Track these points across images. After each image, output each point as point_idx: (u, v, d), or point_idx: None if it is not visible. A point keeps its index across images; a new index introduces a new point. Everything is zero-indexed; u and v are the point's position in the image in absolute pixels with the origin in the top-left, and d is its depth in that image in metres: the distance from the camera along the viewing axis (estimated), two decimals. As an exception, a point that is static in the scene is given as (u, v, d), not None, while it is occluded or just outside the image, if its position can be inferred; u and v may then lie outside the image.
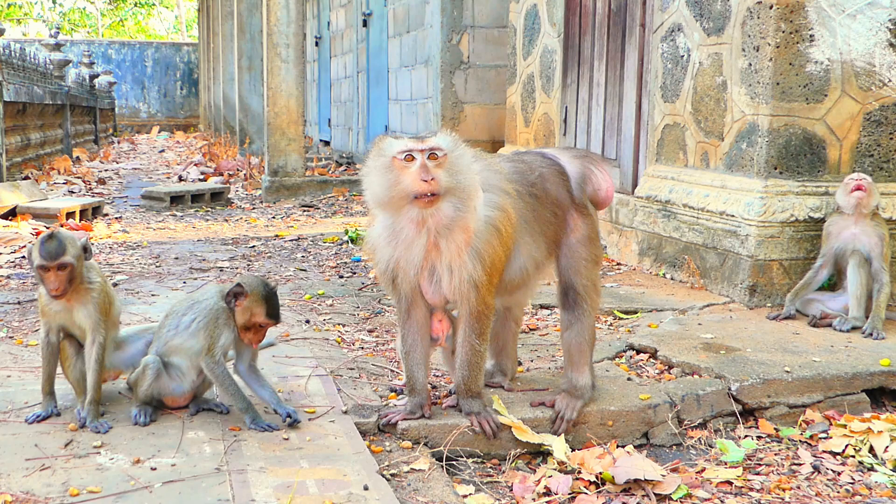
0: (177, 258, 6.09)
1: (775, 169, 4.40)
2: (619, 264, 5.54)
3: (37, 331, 4.02)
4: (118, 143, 21.68)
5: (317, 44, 17.28)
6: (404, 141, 2.67)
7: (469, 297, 2.76)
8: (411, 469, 2.67)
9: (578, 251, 3.03)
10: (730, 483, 2.76)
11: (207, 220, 8.36)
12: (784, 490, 2.72)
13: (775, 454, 2.99)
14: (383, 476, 2.54)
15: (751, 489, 2.74)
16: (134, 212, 8.94)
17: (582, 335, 3.05)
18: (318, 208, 9.11)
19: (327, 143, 16.52)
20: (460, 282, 2.73)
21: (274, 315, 2.89)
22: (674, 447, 3.08)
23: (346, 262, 5.97)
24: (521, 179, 2.91)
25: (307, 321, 4.27)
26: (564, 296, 3.05)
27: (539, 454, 2.91)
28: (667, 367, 3.55)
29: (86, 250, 2.85)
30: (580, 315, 3.03)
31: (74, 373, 2.91)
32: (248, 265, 5.81)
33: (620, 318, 4.29)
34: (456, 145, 2.70)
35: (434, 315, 2.92)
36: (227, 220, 8.27)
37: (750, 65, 4.46)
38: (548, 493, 2.64)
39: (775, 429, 3.19)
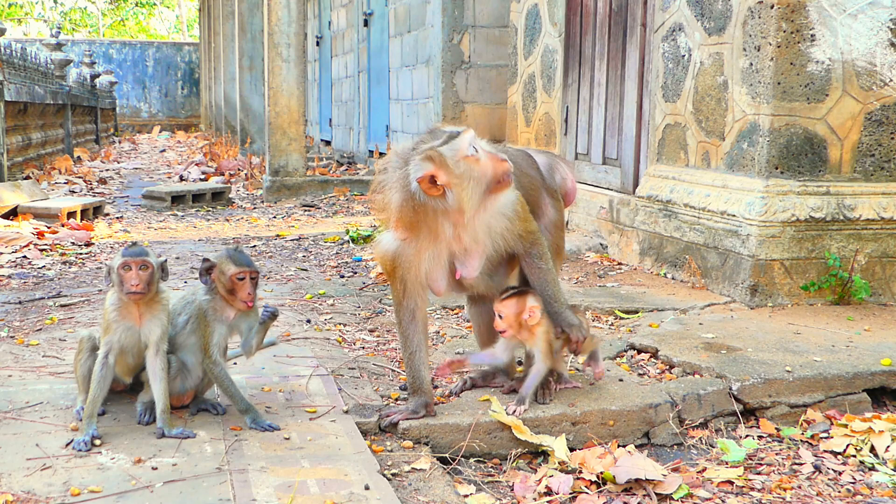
0: (178, 258, 6.10)
1: (776, 168, 4.39)
2: (620, 264, 5.54)
3: (38, 330, 4.03)
4: (119, 142, 21.69)
5: (318, 43, 17.28)
6: (460, 140, 2.72)
7: (516, 242, 2.87)
8: (412, 469, 2.67)
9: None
10: (731, 483, 2.76)
11: (208, 219, 8.36)
12: (785, 490, 2.72)
13: (776, 454, 2.99)
14: (384, 476, 2.54)
15: (752, 489, 2.74)
16: (135, 211, 8.95)
17: None
18: (320, 208, 9.11)
19: (328, 143, 16.52)
20: (514, 238, 2.86)
21: (242, 262, 2.86)
22: (675, 447, 3.08)
23: (347, 262, 5.97)
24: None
25: (308, 321, 4.27)
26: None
27: (540, 454, 2.91)
28: (668, 367, 3.55)
29: (163, 269, 2.85)
30: None
31: (83, 369, 2.91)
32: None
33: (621, 318, 4.29)
34: None
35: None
36: (228, 220, 8.27)
37: (751, 64, 4.46)
38: (549, 492, 2.64)
39: (776, 428, 3.18)
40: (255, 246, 6.66)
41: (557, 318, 2.98)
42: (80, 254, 6.32)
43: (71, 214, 7.68)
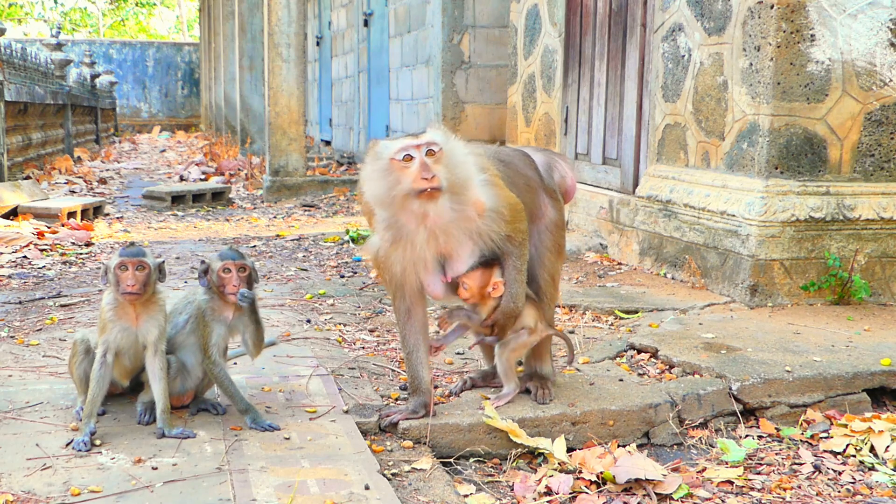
0: (178, 258, 6.10)
1: (776, 169, 4.40)
2: (619, 264, 5.54)
3: (38, 330, 4.03)
4: (119, 142, 21.69)
5: (318, 43, 17.28)
6: (400, 141, 2.68)
7: (505, 244, 2.83)
8: (412, 469, 2.67)
9: (545, 239, 3.10)
10: (731, 483, 2.76)
11: (208, 219, 8.36)
12: (785, 490, 2.72)
13: (776, 454, 2.99)
14: (384, 476, 2.54)
15: (752, 489, 2.74)
16: (135, 211, 8.95)
17: None
18: (320, 208, 9.11)
19: (328, 143, 16.52)
20: (496, 241, 2.81)
21: (227, 256, 2.87)
22: (675, 447, 3.09)
23: (347, 262, 5.97)
24: (486, 153, 2.99)
25: (308, 321, 4.28)
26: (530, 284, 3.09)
27: (540, 454, 2.91)
28: (668, 367, 3.55)
29: (160, 270, 2.85)
30: (542, 309, 3.09)
31: (79, 371, 2.91)
32: (250, 265, 5.82)
33: (621, 318, 4.29)
34: (448, 138, 2.73)
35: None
36: (228, 220, 8.27)
37: (751, 64, 4.46)
38: (549, 492, 2.64)
39: (776, 428, 3.18)
40: (255, 246, 6.66)
41: (503, 307, 2.96)
42: (80, 254, 6.32)
43: (71, 214, 7.68)
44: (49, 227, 7.07)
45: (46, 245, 6.51)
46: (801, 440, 3.10)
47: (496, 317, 2.93)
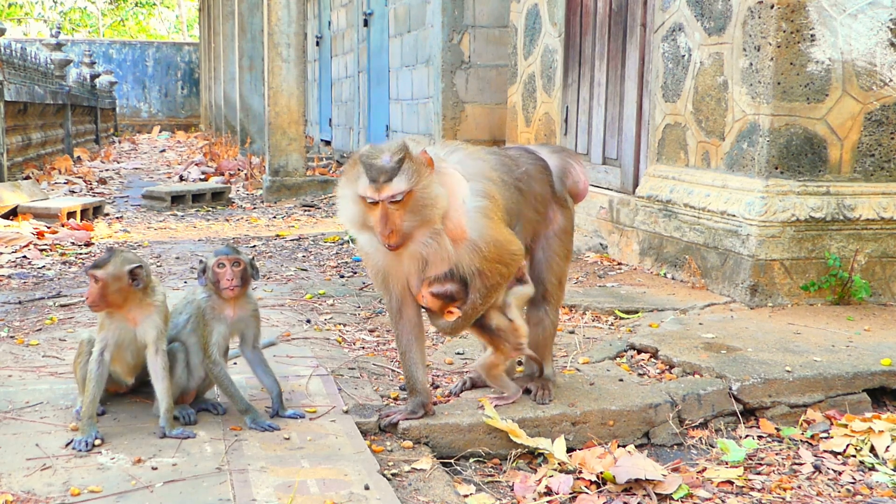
0: (178, 258, 6.10)
1: (776, 168, 4.40)
2: (619, 264, 5.54)
3: (38, 330, 4.03)
4: (119, 142, 21.69)
5: (318, 43, 17.28)
6: (365, 182, 2.57)
7: (474, 279, 2.77)
8: (412, 469, 2.67)
9: (553, 245, 3.10)
10: (731, 483, 2.76)
11: (208, 219, 8.36)
12: (785, 490, 2.72)
13: (776, 454, 2.99)
14: (384, 476, 2.54)
15: (752, 489, 2.74)
16: (135, 211, 8.95)
17: (546, 331, 3.13)
18: (319, 208, 9.11)
19: (328, 143, 16.51)
20: (466, 273, 2.76)
21: (221, 252, 2.87)
22: (675, 447, 3.09)
23: (346, 262, 5.97)
24: (506, 172, 2.93)
25: (308, 321, 4.28)
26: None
27: (540, 454, 2.91)
28: (668, 367, 3.55)
29: (133, 275, 2.76)
30: (547, 311, 3.12)
31: (83, 371, 2.90)
32: (249, 265, 5.81)
33: (621, 318, 4.29)
34: (419, 178, 2.56)
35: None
36: (227, 220, 8.27)
37: (751, 64, 4.46)
38: (549, 492, 2.64)
39: (776, 428, 3.18)
40: (254, 246, 6.66)
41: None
42: (80, 254, 6.31)
43: (71, 214, 7.68)
44: (49, 227, 7.07)
45: (46, 245, 6.51)
46: (801, 440, 3.10)
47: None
